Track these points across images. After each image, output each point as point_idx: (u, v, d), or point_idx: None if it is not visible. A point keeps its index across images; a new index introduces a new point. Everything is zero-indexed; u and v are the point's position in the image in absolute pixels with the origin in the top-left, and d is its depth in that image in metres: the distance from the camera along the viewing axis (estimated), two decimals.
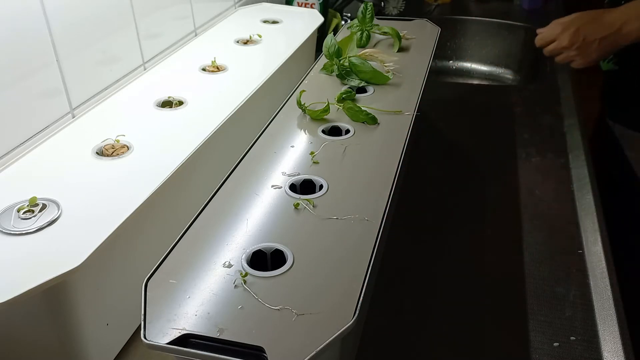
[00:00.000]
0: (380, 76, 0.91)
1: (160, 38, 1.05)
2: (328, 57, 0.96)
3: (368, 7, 1.07)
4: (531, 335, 0.70)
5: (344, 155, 0.74)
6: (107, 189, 0.68)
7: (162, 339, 0.48)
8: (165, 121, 0.83)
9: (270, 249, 0.58)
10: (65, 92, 0.83)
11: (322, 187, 0.67)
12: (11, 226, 0.61)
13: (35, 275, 0.54)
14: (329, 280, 0.54)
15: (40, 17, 0.77)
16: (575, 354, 0.68)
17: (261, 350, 0.46)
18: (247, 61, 1.04)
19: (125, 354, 0.69)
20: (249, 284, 0.53)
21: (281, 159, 0.73)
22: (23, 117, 0.76)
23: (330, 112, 0.82)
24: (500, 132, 1.17)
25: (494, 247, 0.86)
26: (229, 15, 1.27)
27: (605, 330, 0.70)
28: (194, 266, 0.55)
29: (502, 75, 1.72)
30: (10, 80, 0.73)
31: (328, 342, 0.47)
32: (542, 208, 0.93)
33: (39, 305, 0.57)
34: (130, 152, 0.74)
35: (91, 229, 0.61)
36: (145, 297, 0.51)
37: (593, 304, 0.74)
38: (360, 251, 0.57)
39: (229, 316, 0.50)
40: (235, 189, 0.67)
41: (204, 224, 0.61)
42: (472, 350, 0.70)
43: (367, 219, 0.62)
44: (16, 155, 0.73)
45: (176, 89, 0.91)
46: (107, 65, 0.91)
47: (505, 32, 1.70)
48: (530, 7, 1.79)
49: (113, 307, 0.66)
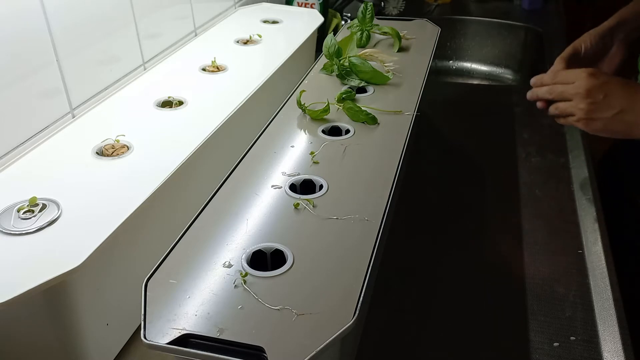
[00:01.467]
0: (380, 76, 0.91)
1: (160, 38, 1.05)
2: (328, 57, 0.96)
3: (368, 7, 1.07)
4: (531, 335, 0.70)
5: (344, 155, 0.74)
6: (107, 189, 0.68)
7: (162, 339, 0.48)
8: (165, 121, 0.83)
9: (270, 249, 0.58)
10: (65, 92, 0.83)
11: (322, 187, 0.67)
12: (11, 226, 0.61)
13: (35, 275, 0.54)
14: (329, 280, 0.54)
15: (40, 17, 0.77)
16: (575, 354, 0.68)
17: (261, 350, 0.46)
18: (247, 61, 1.04)
19: (125, 354, 0.69)
20: (249, 284, 0.53)
21: (281, 159, 0.73)
22: (23, 117, 0.76)
23: (330, 112, 0.82)
24: (500, 132, 1.17)
25: (494, 247, 0.86)
26: (229, 15, 1.27)
27: (605, 330, 0.70)
28: (194, 266, 0.55)
29: (502, 75, 1.72)
30: (10, 80, 0.73)
31: (328, 342, 0.47)
32: (542, 208, 0.93)
33: (39, 305, 0.57)
34: (130, 152, 0.74)
35: (91, 229, 0.61)
36: (145, 297, 0.51)
37: (593, 304, 0.74)
38: (360, 251, 0.57)
39: (229, 316, 0.50)
40: (235, 189, 0.67)
41: (204, 224, 0.61)
42: (472, 350, 0.70)
43: (367, 219, 0.62)
44: (16, 155, 0.73)
45: (176, 89, 0.91)
46: (107, 65, 0.91)
47: (505, 32, 1.70)
48: (530, 7, 1.79)
49: (113, 307, 0.66)
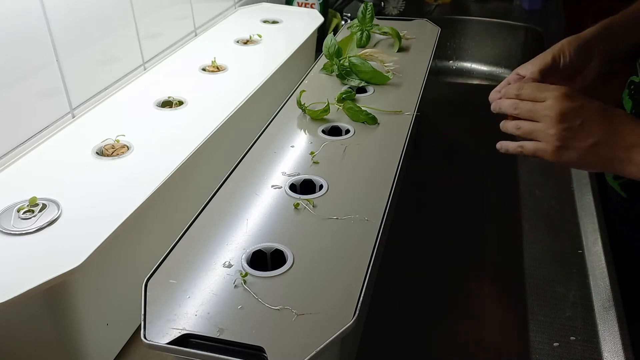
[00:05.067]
0: (380, 76, 0.91)
1: (160, 38, 1.05)
2: (328, 57, 0.96)
3: (368, 7, 1.07)
4: (531, 335, 0.70)
5: (344, 155, 0.74)
6: (107, 189, 0.68)
7: (162, 339, 0.48)
8: (165, 121, 0.83)
9: (270, 249, 0.58)
10: (65, 92, 0.83)
11: (322, 187, 0.67)
12: (11, 226, 0.61)
13: (35, 275, 0.54)
14: (329, 280, 0.54)
15: (40, 17, 0.77)
16: (575, 354, 0.68)
17: (261, 350, 0.46)
18: (247, 61, 1.04)
19: (125, 354, 0.69)
20: (249, 284, 0.53)
21: (281, 159, 0.73)
22: (23, 117, 0.76)
23: (330, 112, 0.82)
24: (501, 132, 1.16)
25: (494, 247, 0.86)
26: (229, 15, 1.27)
27: (605, 330, 0.70)
28: (194, 266, 0.55)
29: (502, 75, 1.72)
30: (10, 80, 0.73)
31: (328, 342, 0.47)
32: (542, 208, 0.93)
33: (39, 305, 0.57)
34: (130, 152, 0.74)
35: (91, 229, 0.61)
36: (145, 297, 0.51)
37: (593, 304, 0.74)
38: (360, 251, 0.57)
39: (229, 316, 0.50)
40: (235, 189, 0.67)
41: (204, 224, 0.61)
42: (472, 350, 0.70)
43: (367, 219, 0.62)
44: (16, 155, 0.73)
45: (176, 89, 0.91)
46: (107, 65, 0.91)
47: (505, 32, 1.70)
48: (530, 7, 1.79)
49: (113, 307, 0.66)
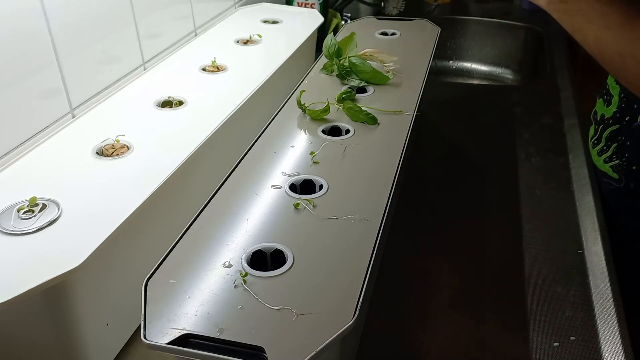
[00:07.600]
0: (380, 76, 0.91)
1: (160, 38, 1.05)
2: (328, 57, 0.96)
3: None
4: (531, 335, 0.70)
5: (344, 155, 0.74)
6: (107, 189, 0.68)
7: (162, 339, 0.48)
8: (165, 121, 0.83)
9: (270, 249, 0.58)
10: (65, 92, 0.83)
11: (322, 187, 0.67)
12: (11, 226, 0.61)
13: (35, 275, 0.54)
14: (329, 280, 0.54)
15: (40, 17, 0.77)
16: (575, 354, 0.68)
17: (261, 350, 0.46)
18: (247, 61, 1.04)
19: (125, 354, 0.69)
20: (249, 284, 0.53)
21: (281, 159, 0.73)
22: (23, 117, 0.76)
23: (330, 112, 0.82)
24: (501, 132, 1.17)
25: (494, 247, 0.86)
26: (229, 15, 1.27)
27: (605, 330, 0.70)
28: (194, 266, 0.55)
29: (502, 75, 1.72)
30: (10, 80, 0.73)
31: (328, 342, 0.47)
32: (542, 208, 0.93)
33: (39, 305, 0.57)
34: (130, 152, 0.74)
35: (91, 229, 0.61)
36: (145, 297, 0.51)
37: (593, 304, 0.74)
38: (360, 251, 0.57)
39: (229, 316, 0.50)
40: (235, 189, 0.67)
41: (204, 224, 0.61)
42: (472, 350, 0.70)
43: (367, 219, 0.62)
44: (16, 155, 0.73)
45: (176, 89, 0.91)
46: (107, 65, 0.91)
47: (505, 32, 1.70)
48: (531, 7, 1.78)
49: (113, 307, 0.66)
